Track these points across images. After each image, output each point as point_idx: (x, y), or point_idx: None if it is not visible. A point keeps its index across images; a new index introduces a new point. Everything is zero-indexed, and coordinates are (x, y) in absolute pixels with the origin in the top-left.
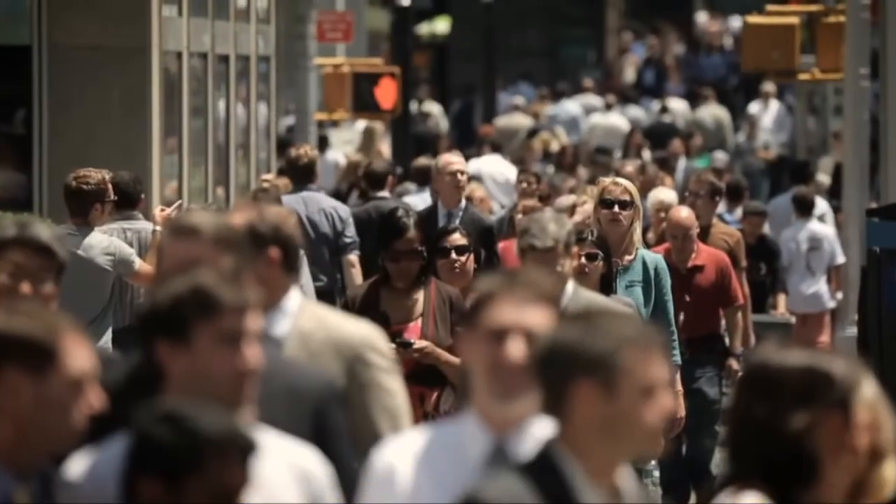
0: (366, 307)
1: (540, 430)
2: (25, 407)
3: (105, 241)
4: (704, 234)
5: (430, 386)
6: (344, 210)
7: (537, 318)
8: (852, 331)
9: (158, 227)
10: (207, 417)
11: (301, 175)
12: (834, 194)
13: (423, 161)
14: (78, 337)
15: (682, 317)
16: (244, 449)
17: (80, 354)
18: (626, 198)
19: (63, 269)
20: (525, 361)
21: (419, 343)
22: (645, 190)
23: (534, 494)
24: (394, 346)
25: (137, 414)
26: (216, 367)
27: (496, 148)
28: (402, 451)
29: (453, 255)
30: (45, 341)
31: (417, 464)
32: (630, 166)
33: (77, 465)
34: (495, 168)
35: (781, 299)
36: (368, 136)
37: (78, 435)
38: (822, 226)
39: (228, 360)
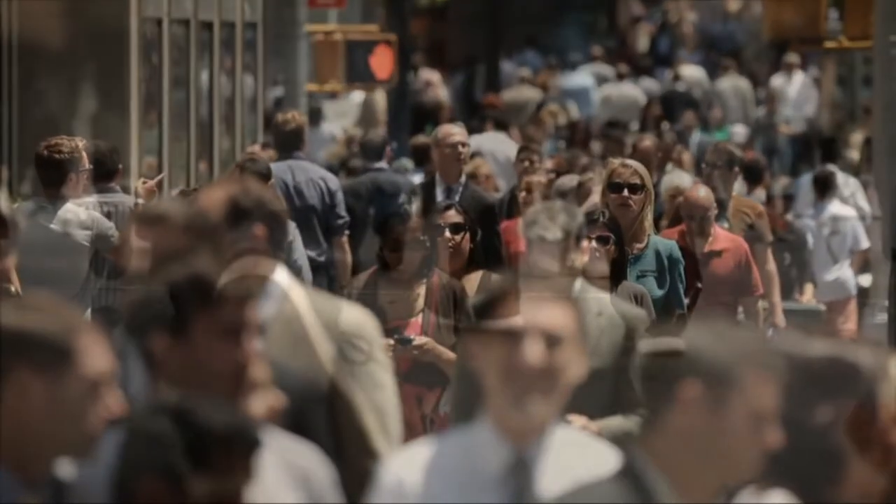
0: (363, 301)
1: (560, 439)
2: (36, 410)
3: (82, 214)
4: (723, 209)
5: (430, 386)
6: (333, 181)
7: (555, 317)
8: (882, 318)
9: (141, 201)
10: (212, 412)
11: (288, 141)
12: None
13: (421, 139)
14: (95, 335)
15: (686, 300)
16: (249, 445)
17: (98, 354)
18: (637, 181)
19: (15, 237)
20: (543, 364)
21: (419, 339)
22: (663, 162)
23: None
24: (392, 342)
25: (137, 408)
26: (215, 360)
27: (500, 125)
28: (411, 464)
29: (448, 234)
30: (60, 340)
31: (429, 478)
32: (648, 140)
33: (63, 463)
34: (497, 146)
35: (808, 289)
36: (369, 108)
37: (94, 441)
38: (844, 207)
39: (228, 352)
